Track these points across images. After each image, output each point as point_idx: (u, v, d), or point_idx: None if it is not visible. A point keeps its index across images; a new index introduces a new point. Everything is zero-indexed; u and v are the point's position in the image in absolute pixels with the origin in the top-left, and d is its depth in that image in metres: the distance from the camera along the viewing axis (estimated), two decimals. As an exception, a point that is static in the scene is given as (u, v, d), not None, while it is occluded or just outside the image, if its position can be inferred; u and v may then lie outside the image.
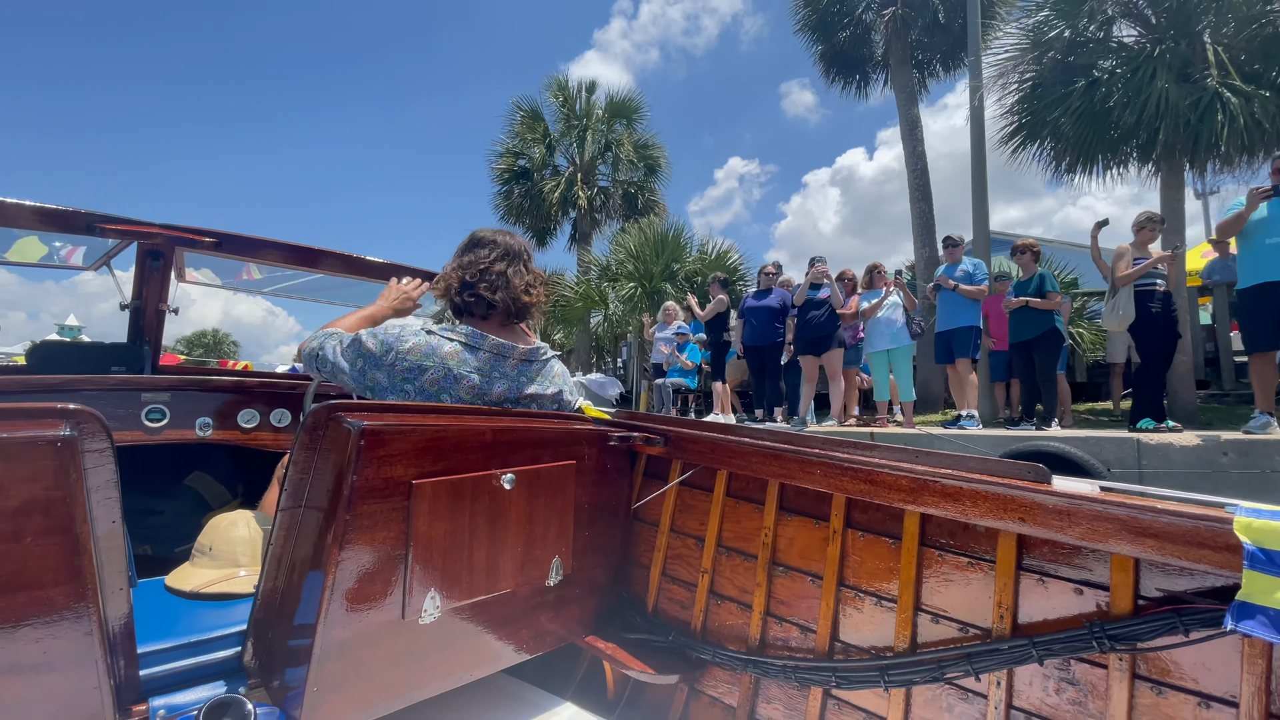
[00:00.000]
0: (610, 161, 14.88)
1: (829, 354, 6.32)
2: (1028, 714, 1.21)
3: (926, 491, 1.30)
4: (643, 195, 15.35)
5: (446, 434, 1.29)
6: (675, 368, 8.11)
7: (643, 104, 14.79)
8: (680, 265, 10.64)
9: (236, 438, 2.42)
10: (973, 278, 5.84)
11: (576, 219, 15.67)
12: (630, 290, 10.08)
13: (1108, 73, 7.20)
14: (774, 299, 6.82)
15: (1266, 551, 0.93)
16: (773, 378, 6.86)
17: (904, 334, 6.24)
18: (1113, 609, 1.13)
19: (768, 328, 6.75)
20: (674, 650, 1.71)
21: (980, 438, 5.19)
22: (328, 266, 2.57)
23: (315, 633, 1.13)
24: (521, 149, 15.36)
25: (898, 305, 6.31)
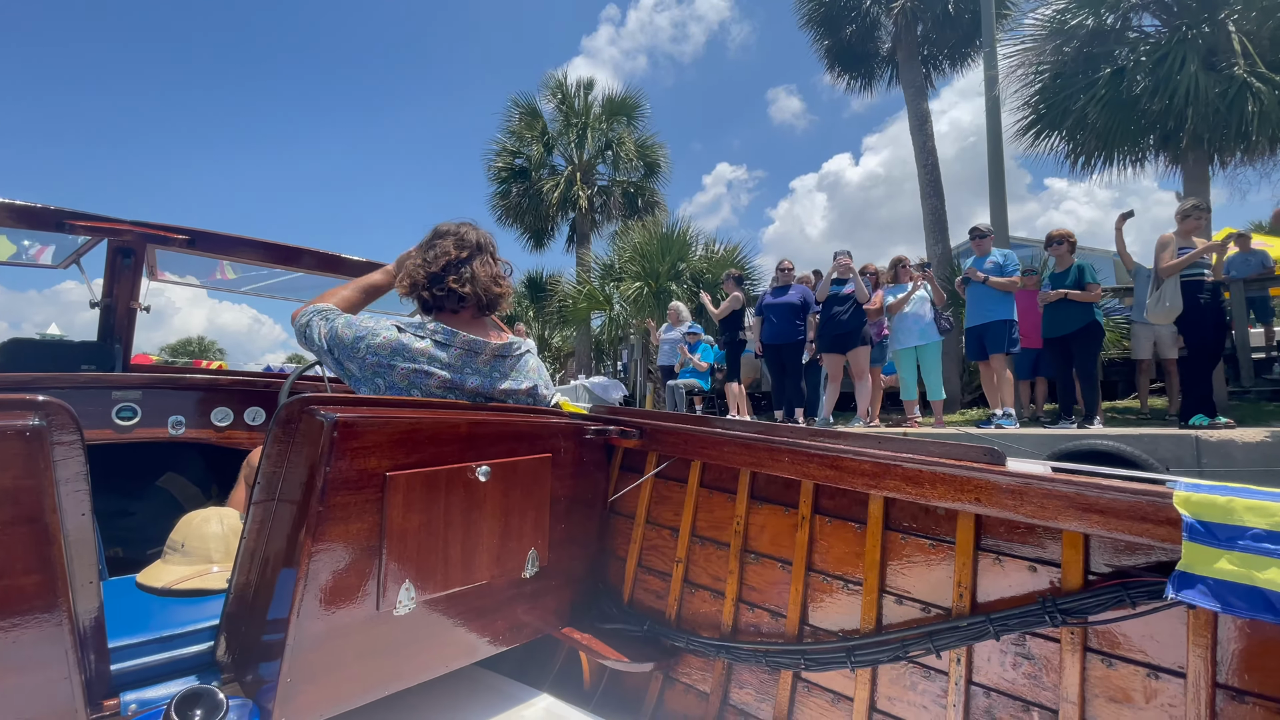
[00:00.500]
0: (610, 161, 14.58)
1: (855, 352, 6.04)
2: (986, 689, 1.24)
3: (889, 475, 1.34)
4: (643, 195, 15.07)
5: (421, 426, 1.28)
6: (687, 368, 7.80)
7: (642, 102, 14.53)
8: (686, 264, 10.35)
9: (210, 436, 2.39)
10: (1004, 269, 5.56)
11: (576, 219, 15.36)
12: (636, 290, 9.76)
13: (1133, 61, 7.01)
14: (794, 295, 6.53)
15: (1204, 523, 0.96)
16: (793, 377, 6.57)
17: (932, 329, 5.97)
18: (1064, 585, 1.17)
19: (788, 325, 6.46)
20: (649, 639, 1.73)
21: (1023, 437, 4.92)
22: (305, 265, 2.53)
23: (288, 625, 1.12)
24: (519, 148, 15.04)
25: (925, 299, 6.04)
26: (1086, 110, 7.07)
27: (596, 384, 11.92)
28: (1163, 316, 4.92)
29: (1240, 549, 0.96)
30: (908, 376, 6.15)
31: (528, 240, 16.34)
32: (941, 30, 10.90)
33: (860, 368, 6.06)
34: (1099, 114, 6.99)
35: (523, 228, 16.04)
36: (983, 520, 1.30)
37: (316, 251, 2.48)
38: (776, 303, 6.56)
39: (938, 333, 5.98)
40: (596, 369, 15.36)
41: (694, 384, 7.69)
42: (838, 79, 12.19)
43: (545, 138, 14.81)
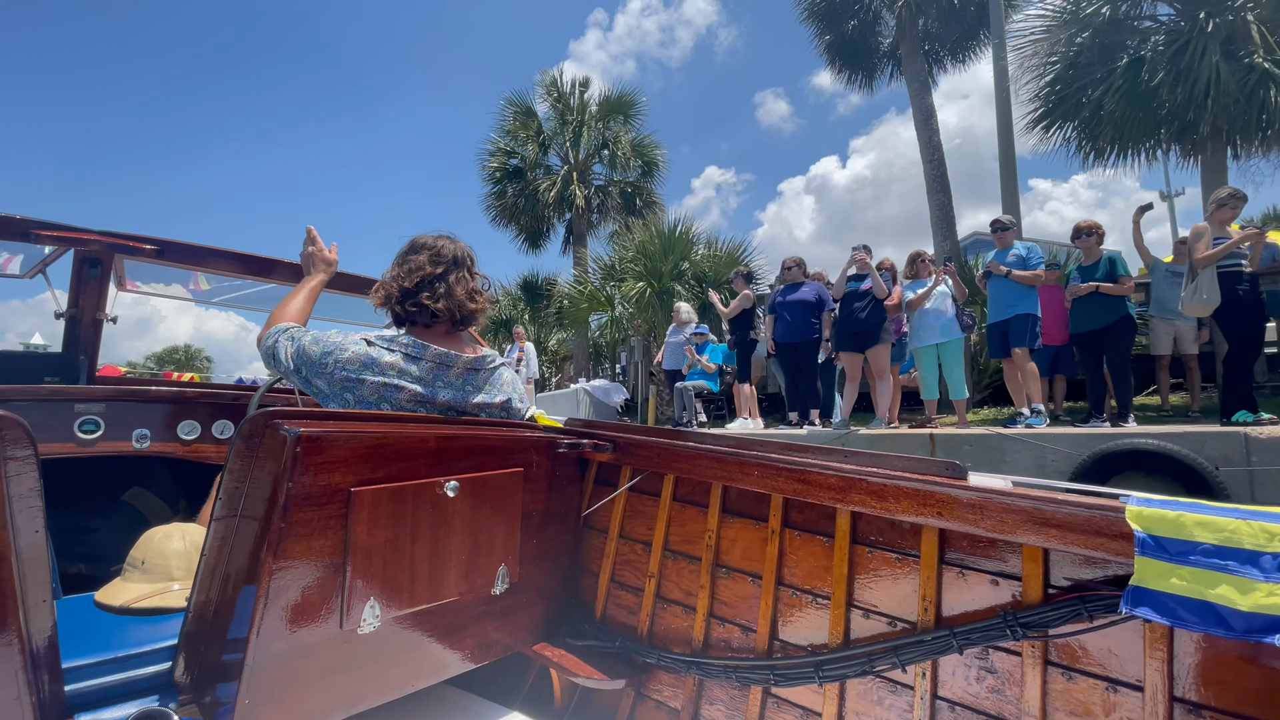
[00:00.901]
0: (607, 160, 14.30)
1: (874, 350, 5.80)
2: (951, 703, 1.24)
3: (854, 489, 1.35)
4: (641, 195, 14.82)
5: (387, 441, 1.27)
6: (695, 370, 7.55)
7: (638, 100, 14.29)
8: (689, 264, 10.10)
9: (176, 450, 2.35)
10: (1026, 262, 5.34)
11: (572, 220, 15.07)
12: (640, 290, 9.50)
13: (1151, 50, 6.85)
14: (808, 292, 6.29)
15: (1155, 538, 0.97)
16: (809, 378, 6.32)
17: (954, 326, 5.74)
18: (1025, 598, 1.18)
19: (802, 323, 6.22)
20: (621, 655, 1.71)
21: (1058, 437, 4.69)
22: (279, 276, 2.47)
23: (247, 645, 1.10)
24: (513, 148, 14.74)
25: (946, 295, 5.82)
26: (1104, 100, 6.90)
27: (597, 387, 11.65)
28: (1200, 309, 4.72)
29: (1191, 564, 0.96)
30: (929, 375, 5.93)
31: (523, 242, 16.03)
32: (945, 23, 10.78)
33: (880, 366, 5.82)
34: (1116, 104, 6.83)
35: (518, 229, 15.73)
36: (946, 534, 1.30)
37: (289, 263, 2.38)
38: (790, 300, 6.32)
39: (960, 329, 5.76)
40: (594, 372, 15.08)
41: (703, 386, 7.43)
42: (838, 75, 12.04)
43: (541, 137, 14.53)
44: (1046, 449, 4.66)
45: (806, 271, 6.49)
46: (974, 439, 5.04)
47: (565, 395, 11.04)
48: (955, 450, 5.06)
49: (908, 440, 5.28)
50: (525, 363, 11.05)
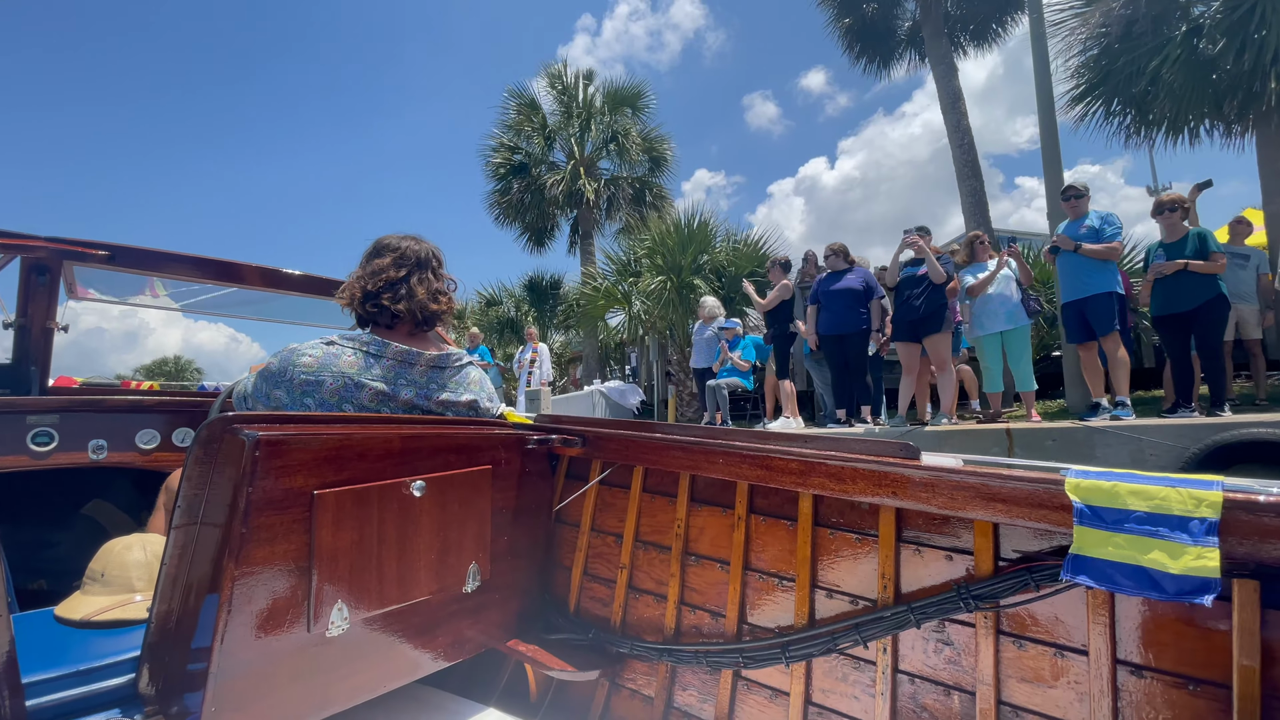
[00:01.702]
0: (615, 154, 13.79)
1: (934, 339, 5.35)
2: (912, 676, 1.29)
3: (814, 473, 1.38)
4: (650, 189, 14.33)
5: (350, 443, 1.26)
6: (727, 367, 7.08)
7: (645, 92, 13.81)
8: (709, 256, 9.65)
9: (135, 460, 2.32)
10: (1100, 234, 4.85)
11: (579, 217, 14.58)
12: (660, 285, 9.02)
13: (1210, 18, 6.44)
14: (855, 279, 5.84)
15: (1092, 508, 1.03)
16: (857, 372, 5.86)
17: (1020, 312, 5.31)
18: (977, 572, 1.22)
19: (850, 313, 5.77)
20: (595, 647, 1.73)
21: (1156, 428, 4.25)
22: (236, 279, 2.43)
23: (212, 653, 1.08)
24: (517, 143, 14.24)
25: (1010, 279, 5.38)
26: (1160, 71, 6.48)
27: (613, 389, 11.17)
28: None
29: (1126, 531, 1.00)
30: (992, 365, 5.48)
31: (527, 241, 15.53)
32: (967, 7, 10.38)
33: (941, 357, 5.37)
34: (1175, 74, 6.41)
35: (522, 227, 15.22)
36: (903, 513, 1.34)
37: (247, 265, 2.39)
38: (835, 289, 5.86)
39: (1026, 315, 5.32)
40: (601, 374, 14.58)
41: (736, 384, 6.96)
42: (855, 60, 11.63)
43: (546, 131, 14.03)
44: (1144, 442, 4.21)
45: (850, 258, 6.03)
46: (1057, 433, 4.59)
47: (580, 398, 10.55)
48: (1037, 446, 4.60)
49: (980, 437, 4.82)
50: (539, 364, 10.57)
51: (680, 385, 10.12)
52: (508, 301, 16.62)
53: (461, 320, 19.40)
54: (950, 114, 9.56)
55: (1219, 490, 0.96)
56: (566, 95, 13.89)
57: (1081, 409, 6.25)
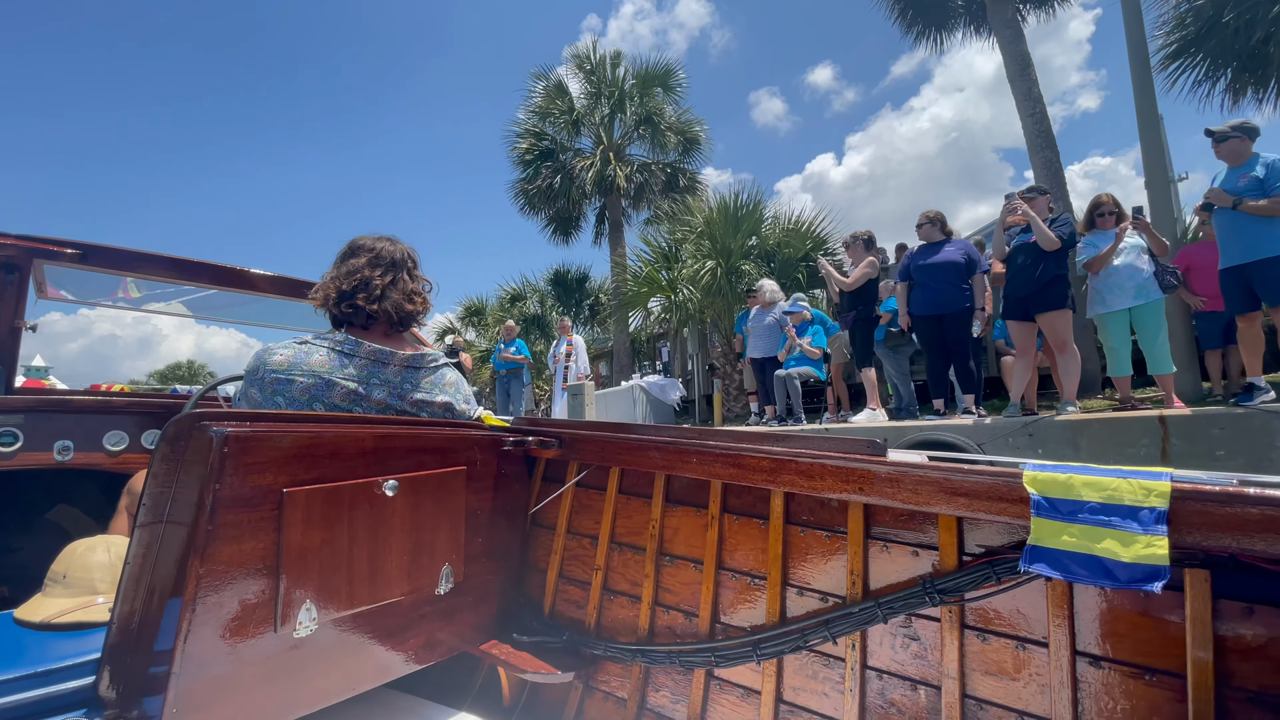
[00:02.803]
0: (647, 137, 13.17)
1: (1051, 316, 4.70)
2: (880, 672, 1.31)
3: (785, 470, 1.40)
4: (682, 175, 13.71)
5: (321, 440, 1.25)
6: (796, 355, 6.46)
7: (677, 71, 13.17)
8: (759, 239, 9.03)
9: (102, 462, 2.30)
10: (1265, 186, 4.11)
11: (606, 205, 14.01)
12: (710, 270, 8.41)
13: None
14: (954, 251, 5.21)
15: (1049, 499, 1.06)
16: (960, 356, 5.23)
17: (1152, 286, 4.65)
18: (942, 566, 1.25)
19: (950, 290, 5.14)
20: (569, 649, 1.73)
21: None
22: (208, 280, 2.43)
23: (175, 654, 1.07)
24: (543, 128, 13.67)
25: (1140, 249, 4.72)
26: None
27: (653, 384, 10.58)
28: None
29: (1080, 521, 1.03)
30: (1119, 346, 4.82)
31: (553, 232, 14.98)
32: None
33: (1060, 337, 4.72)
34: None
35: (548, 218, 14.67)
36: (871, 510, 1.37)
37: (218, 266, 2.40)
38: (931, 263, 5.23)
39: (1160, 289, 4.66)
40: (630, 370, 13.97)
41: (809, 373, 6.34)
42: (906, 32, 10.94)
43: (574, 114, 13.46)
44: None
45: (947, 227, 5.40)
46: (1225, 419, 3.93)
47: (620, 393, 9.98)
48: (1202, 435, 3.94)
49: (1125, 428, 4.18)
50: (574, 357, 10.00)
51: (726, 379, 9.51)
52: (532, 297, 16.08)
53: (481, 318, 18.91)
54: (1019, 81, 8.85)
55: (1167, 481, 0.99)
56: (595, 76, 13.29)
57: (1192, 395, 5.59)
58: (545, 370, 11.68)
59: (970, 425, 4.83)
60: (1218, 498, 0.94)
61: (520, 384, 10.16)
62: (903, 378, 6.65)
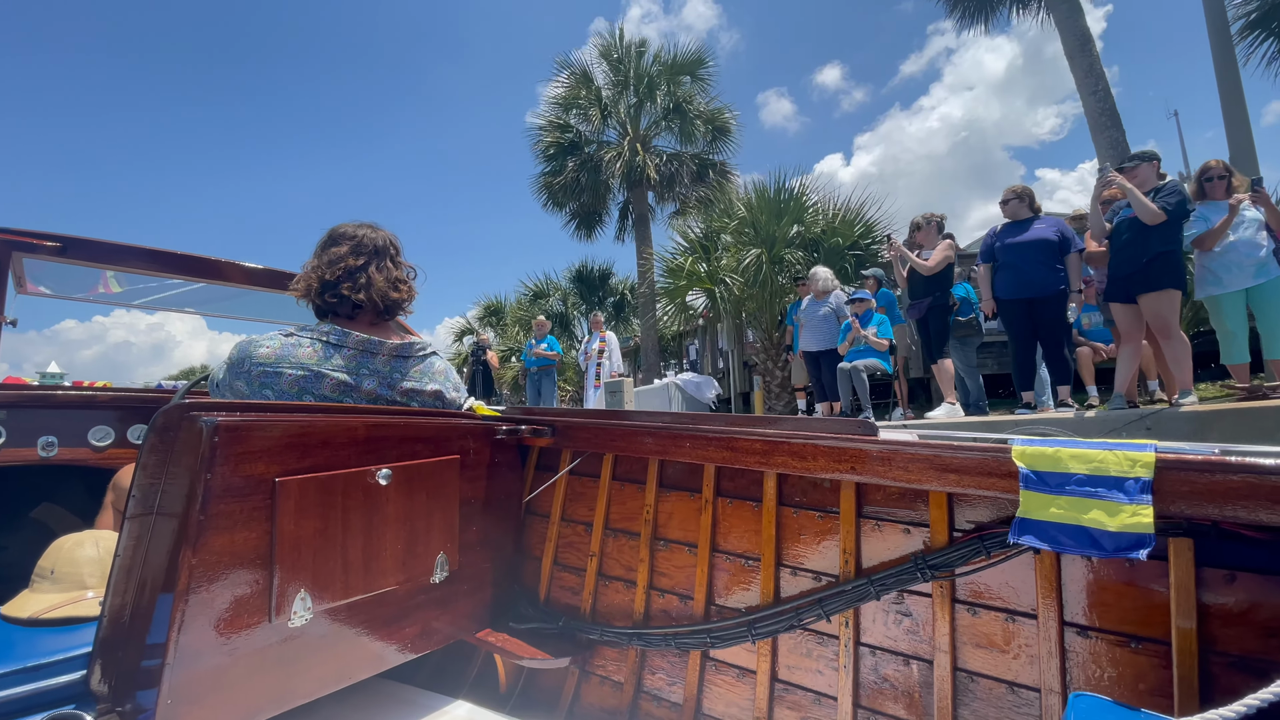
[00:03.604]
0: (675, 127, 12.80)
1: (1152, 297, 4.29)
2: (873, 648, 1.34)
3: (777, 452, 1.42)
4: (712, 167, 13.35)
5: (313, 429, 1.26)
6: (860, 347, 6.08)
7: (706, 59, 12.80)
8: (803, 227, 8.65)
9: (88, 457, 2.29)
10: None
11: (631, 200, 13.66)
12: (754, 259, 8.04)
13: None
14: (1046, 229, 4.83)
15: (1037, 473, 1.08)
16: (1052, 343, 4.84)
17: (1272, 263, 4.26)
18: (933, 543, 1.27)
19: (1043, 270, 4.76)
20: (565, 635, 1.75)
21: None
22: (193, 273, 2.38)
23: (168, 646, 1.06)
24: (567, 119, 13.35)
25: (1258, 223, 4.32)
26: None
27: (688, 381, 10.23)
28: None
29: (1067, 493, 1.05)
30: (1236, 329, 4.42)
31: (576, 228, 14.66)
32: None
33: (1164, 321, 4.32)
34: None
35: (571, 213, 14.35)
36: (862, 489, 1.39)
37: (204, 259, 2.37)
38: (1019, 242, 4.85)
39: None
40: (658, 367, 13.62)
41: (876, 365, 5.96)
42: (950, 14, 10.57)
43: (601, 104, 13.12)
44: None
45: (1035, 204, 5.01)
46: None
47: (655, 391, 9.65)
48: (1359, 427, 3.54)
49: (1258, 417, 3.77)
50: (608, 354, 9.67)
51: (767, 374, 9.13)
52: (554, 294, 15.78)
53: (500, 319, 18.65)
54: (1079, 57, 8.46)
55: (1152, 451, 1.01)
56: (622, 65, 12.95)
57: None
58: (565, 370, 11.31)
59: (1071, 419, 4.44)
60: (1200, 466, 0.96)
61: (552, 381, 9.84)
62: (970, 370, 6.26)
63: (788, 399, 9.03)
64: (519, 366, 15.08)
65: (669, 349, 14.73)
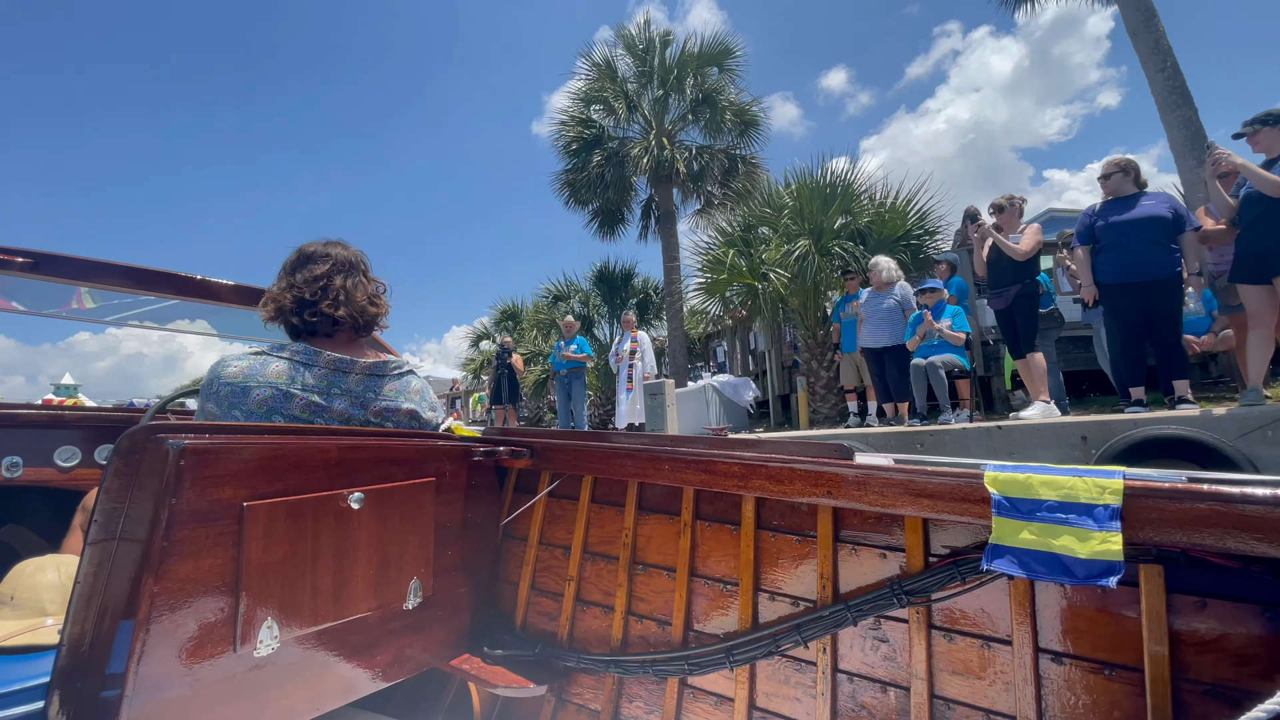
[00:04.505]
0: (704, 119, 12.37)
1: (1300, 278, 3.82)
2: (850, 675, 1.33)
3: (755, 475, 1.42)
4: (742, 160, 12.92)
5: (284, 452, 1.24)
6: (934, 342, 5.62)
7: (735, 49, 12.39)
8: (852, 218, 8.21)
9: (53, 478, 2.25)
10: None
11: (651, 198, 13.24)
12: (802, 250, 7.59)
13: None
14: (1157, 204, 4.37)
15: (1009, 499, 1.09)
16: (1167, 332, 4.37)
17: None
18: (909, 568, 1.28)
19: (1154, 251, 4.29)
20: (541, 662, 1.74)
21: None
22: (169, 290, 2.36)
23: (128, 676, 1.04)
24: (588, 114, 12.97)
25: None
26: None
27: (725, 384, 9.78)
28: None
29: (1038, 519, 1.06)
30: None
31: (597, 227, 14.28)
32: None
33: (1309, 305, 3.84)
34: None
35: (591, 212, 13.97)
36: (840, 513, 1.40)
37: (180, 275, 2.34)
38: (1126, 220, 4.39)
39: None
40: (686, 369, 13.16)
41: (954, 361, 5.50)
42: None
43: (626, 97, 12.73)
44: None
45: (1140, 178, 4.55)
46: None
47: (692, 394, 9.21)
48: None
49: None
50: (640, 354, 9.24)
51: (811, 375, 8.66)
52: (575, 296, 15.39)
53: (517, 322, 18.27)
54: (1144, 34, 8.00)
55: (1120, 479, 1.02)
56: (647, 57, 12.57)
57: None
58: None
59: (1198, 417, 3.96)
60: (1168, 494, 0.97)
61: (583, 385, 9.43)
62: (1052, 366, 5.80)
63: (834, 401, 8.56)
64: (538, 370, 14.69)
65: (694, 351, 14.28)
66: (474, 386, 19.19)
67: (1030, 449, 4.51)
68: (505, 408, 10.29)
